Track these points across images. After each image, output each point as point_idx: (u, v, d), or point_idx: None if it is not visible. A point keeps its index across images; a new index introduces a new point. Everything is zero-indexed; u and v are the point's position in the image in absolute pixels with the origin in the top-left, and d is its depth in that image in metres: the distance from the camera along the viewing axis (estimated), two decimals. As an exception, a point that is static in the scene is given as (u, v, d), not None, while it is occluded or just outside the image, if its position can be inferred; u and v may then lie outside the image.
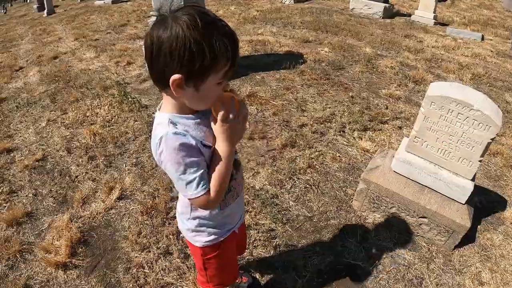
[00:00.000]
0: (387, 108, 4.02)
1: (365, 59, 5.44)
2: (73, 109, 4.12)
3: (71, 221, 2.52)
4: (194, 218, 1.30)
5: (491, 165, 3.20)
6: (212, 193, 1.08)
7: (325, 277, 2.12)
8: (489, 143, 1.97)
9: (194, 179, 1.04)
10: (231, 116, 1.06)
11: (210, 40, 0.90)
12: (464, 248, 2.33)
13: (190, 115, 1.06)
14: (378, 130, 3.59)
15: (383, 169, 2.48)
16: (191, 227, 1.33)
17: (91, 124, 3.77)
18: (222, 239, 1.36)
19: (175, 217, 2.47)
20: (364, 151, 3.25)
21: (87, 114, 3.97)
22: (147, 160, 3.14)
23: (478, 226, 2.51)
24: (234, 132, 1.09)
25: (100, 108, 4.05)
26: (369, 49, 5.98)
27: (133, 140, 3.45)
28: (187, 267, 2.15)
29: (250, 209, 2.55)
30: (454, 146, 2.09)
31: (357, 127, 3.57)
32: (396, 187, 2.36)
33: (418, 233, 2.39)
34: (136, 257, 2.23)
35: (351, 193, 2.74)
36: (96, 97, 4.35)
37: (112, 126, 3.70)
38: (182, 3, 4.03)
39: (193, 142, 1.02)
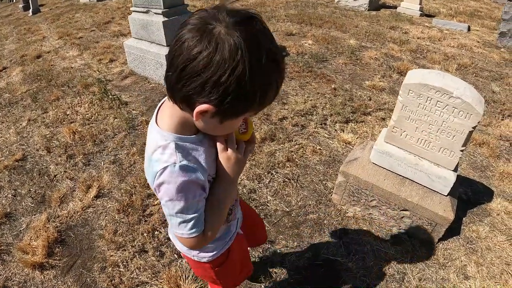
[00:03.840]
0: (370, 99, 4.01)
1: (349, 51, 5.41)
2: (54, 107, 4.06)
3: (49, 221, 2.50)
4: None
5: (477, 156, 3.17)
6: (208, 231, 0.95)
7: (303, 273, 2.07)
8: (470, 132, 1.89)
9: (191, 219, 0.89)
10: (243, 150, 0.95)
11: (267, 86, 0.73)
12: (449, 241, 2.28)
13: (195, 137, 0.87)
14: (361, 122, 3.57)
15: (362, 161, 2.41)
16: None
17: (71, 122, 3.73)
18: (227, 247, 1.25)
19: (151, 214, 2.46)
20: (345, 143, 3.23)
21: (67, 113, 3.93)
22: (125, 157, 3.10)
23: (464, 218, 2.46)
24: (242, 165, 0.96)
25: (81, 106, 4.01)
26: (353, 41, 5.95)
27: (112, 137, 3.41)
28: (162, 265, 2.13)
29: (228, 205, 2.52)
30: (434, 136, 2.01)
31: (338, 119, 3.55)
32: (376, 179, 2.29)
33: (400, 226, 2.33)
34: (111, 256, 2.21)
35: (331, 186, 2.71)
36: (77, 95, 4.30)
37: (92, 124, 3.66)
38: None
39: (202, 178, 0.85)
